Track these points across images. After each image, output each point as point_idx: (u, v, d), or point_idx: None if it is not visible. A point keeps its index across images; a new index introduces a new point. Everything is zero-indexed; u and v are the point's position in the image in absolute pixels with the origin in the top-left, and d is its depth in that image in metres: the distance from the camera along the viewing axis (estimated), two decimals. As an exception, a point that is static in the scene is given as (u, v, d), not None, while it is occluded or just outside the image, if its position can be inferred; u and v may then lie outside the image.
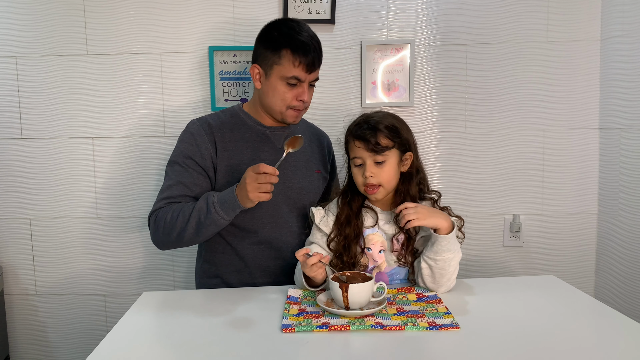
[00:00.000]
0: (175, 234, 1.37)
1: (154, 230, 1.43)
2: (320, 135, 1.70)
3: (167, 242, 1.43)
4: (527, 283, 1.39)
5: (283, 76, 1.42)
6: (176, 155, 1.48)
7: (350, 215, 1.38)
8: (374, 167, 1.32)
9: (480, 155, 1.98)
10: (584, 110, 1.96)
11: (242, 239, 1.48)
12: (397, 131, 1.33)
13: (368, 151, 1.32)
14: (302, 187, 1.53)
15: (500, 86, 1.95)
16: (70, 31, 1.90)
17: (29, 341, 2.03)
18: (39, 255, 1.99)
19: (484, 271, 2.02)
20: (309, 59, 1.41)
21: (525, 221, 2.00)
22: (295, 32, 1.42)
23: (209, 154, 1.45)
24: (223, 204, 1.33)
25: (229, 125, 1.51)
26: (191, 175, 1.44)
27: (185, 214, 1.36)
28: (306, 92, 1.46)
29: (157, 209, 1.43)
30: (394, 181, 1.36)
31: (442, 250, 1.24)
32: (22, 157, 1.95)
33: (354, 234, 1.36)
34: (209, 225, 1.34)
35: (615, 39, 1.85)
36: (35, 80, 1.92)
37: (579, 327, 1.08)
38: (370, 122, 1.33)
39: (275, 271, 1.49)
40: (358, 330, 1.06)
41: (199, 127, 1.49)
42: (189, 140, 1.48)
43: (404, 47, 1.92)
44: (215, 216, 1.33)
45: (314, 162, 1.59)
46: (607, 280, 1.94)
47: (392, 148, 1.33)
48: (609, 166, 1.91)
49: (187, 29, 1.91)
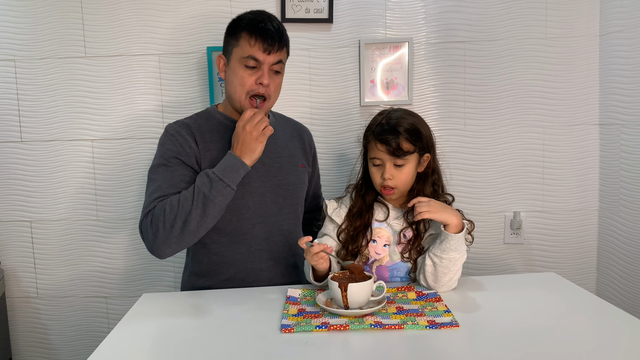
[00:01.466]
0: (181, 223, 1.26)
1: (152, 231, 1.29)
2: (300, 130, 1.65)
3: (169, 240, 1.28)
4: (528, 280, 1.38)
5: (240, 57, 1.36)
6: (158, 159, 1.39)
7: (363, 208, 1.40)
8: (393, 170, 1.33)
9: (480, 152, 1.97)
10: (583, 106, 1.95)
11: (230, 244, 1.43)
12: (418, 134, 1.33)
13: (389, 154, 1.31)
14: (289, 183, 1.50)
15: (500, 83, 1.94)
16: (69, 33, 1.91)
17: (31, 343, 2.04)
18: (40, 258, 2.00)
19: (484, 269, 2.02)
20: (266, 38, 1.35)
21: (526, 218, 1.99)
22: (255, 15, 1.39)
23: (194, 153, 1.39)
24: (225, 170, 1.29)
25: (207, 127, 1.45)
26: (180, 173, 1.36)
27: (187, 196, 1.28)
28: (265, 75, 1.36)
29: (150, 209, 1.32)
30: (410, 183, 1.37)
31: (450, 249, 1.24)
32: (21, 159, 1.96)
33: (363, 226, 1.38)
34: (216, 198, 1.27)
35: (614, 34, 1.84)
36: (34, 83, 1.92)
37: (581, 325, 1.07)
38: (393, 124, 1.32)
39: (269, 273, 1.45)
40: (357, 330, 1.05)
41: (177, 128, 1.42)
42: (171, 142, 1.40)
43: (402, 45, 1.92)
44: (220, 185, 1.27)
45: (297, 157, 1.56)
46: (609, 277, 1.94)
47: (413, 153, 1.33)
48: (610, 162, 1.90)
49: (185, 29, 1.91)
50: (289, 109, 1.92)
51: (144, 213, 1.33)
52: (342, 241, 1.39)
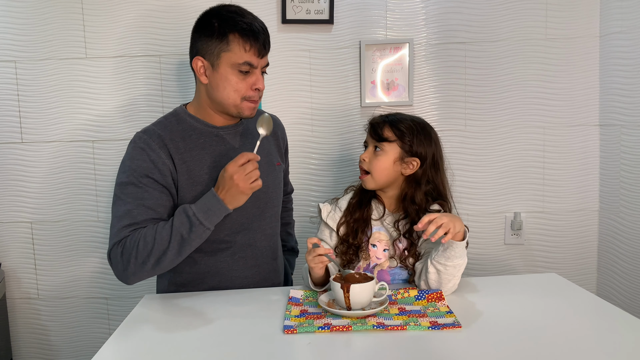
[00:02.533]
0: (154, 261, 1.23)
1: (122, 263, 1.25)
2: (274, 124, 1.52)
3: (139, 273, 1.26)
4: (528, 281, 1.38)
5: (234, 63, 1.28)
6: (127, 175, 1.29)
7: (362, 199, 1.41)
8: (372, 154, 1.37)
9: (480, 153, 1.98)
10: (584, 107, 1.95)
11: (213, 253, 1.38)
12: (404, 127, 1.35)
13: (371, 136, 1.38)
14: (268, 185, 1.43)
15: (500, 84, 1.95)
16: (69, 34, 1.91)
17: (31, 345, 2.04)
18: (41, 259, 1.99)
19: (485, 269, 2.02)
20: (259, 41, 1.29)
21: (527, 219, 1.99)
22: (239, 15, 1.30)
23: (168, 170, 1.30)
24: (207, 213, 1.22)
25: (179, 134, 1.34)
26: (152, 195, 1.27)
27: (163, 235, 1.22)
28: (260, 80, 1.32)
29: (121, 239, 1.25)
30: (384, 176, 1.36)
31: (455, 256, 1.22)
32: (22, 161, 1.95)
33: (362, 219, 1.38)
34: (194, 241, 1.24)
35: (614, 35, 1.85)
36: (34, 84, 1.92)
37: (582, 325, 1.07)
38: (390, 117, 1.39)
39: (253, 279, 1.42)
40: (360, 331, 1.06)
41: (148, 141, 1.31)
42: (140, 157, 1.29)
43: (402, 46, 1.92)
44: (200, 229, 1.22)
45: (273, 155, 1.49)
46: (609, 277, 1.94)
47: (392, 142, 1.35)
48: (610, 163, 1.91)
49: (186, 31, 1.91)
50: (290, 110, 1.93)
51: (112, 242, 1.27)
52: (342, 236, 1.39)
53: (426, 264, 1.27)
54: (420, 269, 1.31)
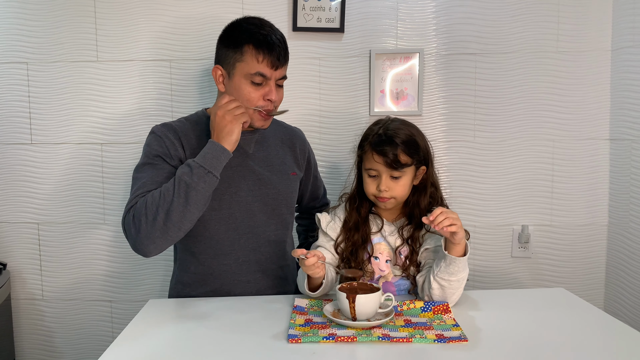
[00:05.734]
0: (164, 214, 1.21)
1: (134, 227, 1.24)
2: (292, 135, 1.58)
3: (152, 234, 1.22)
4: (536, 295, 1.37)
5: (247, 73, 1.32)
6: (143, 157, 1.36)
7: (358, 221, 1.38)
8: (390, 181, 1.31)
9: (489, 165, 1.97)
10: (594, 120, 1.94)
11: (217, 255, 1.40)
12: (416, 146, 1.32)
13: (386, 166, 1.30)
14: (279, 192, 1.46)
15: (510, 96, 1.94)
16: (81, 38, 1.92)
17: (35, 346, 2.04)
18: (47, 260, 2.00)
19: (492, 282, 2.00)
20: (273, 54, 1.32)
21: (534, 232, 1.98)
22: (257, 27, 1.34)
23: (178, 157, 1.35)
24: (206, 157, 1.24)
25: (195, 132, 1.40)
26: (164, 172, 1.32)
27: (168, 186, 1.23)
28: (273, 91, 1.35)
29: (132, 205, 1.27)
30: (406, 195, 1.35)
31: (458, 271, 1.21)
32: (31, 162, 1.96)
33: (361, 240, 1.36)
34: (198, 185, 1.21)
35: (626, 49, 1.84)
36: (45, 86, 1.94)
37: (589, 341, 1.06)
38: (390, 134, 1.30)
39: (256, 285, 1.43)
40: (365, 342, 1.05)
41: (165, 131, 1.38)
42: (156, 142, 1.36)
43: (413, 56, 1.92)
44: (201, 171, 1.22)
45: (288, 165, 1.51)
46: (617, 293, 1.92)
47: (410, 165, 1.31)
48: (620, 177, 1.89)
49: (196, 36, 1.92)
50: (299, 117, 1.93)
51: (126, 210, 1.28)
52: (340, 254, 1.37)
53: (428, 278, 1.25)
54: (422, 283, 1.29)
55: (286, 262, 1.50)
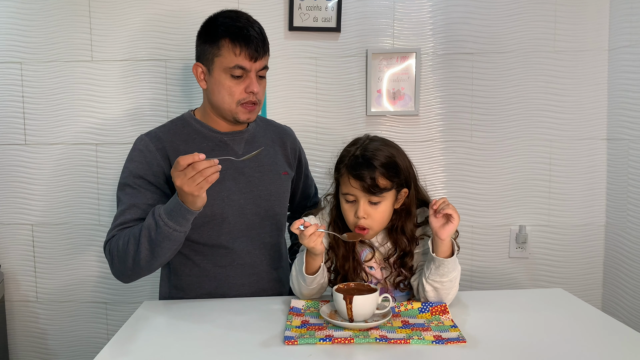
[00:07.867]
0: (131, 261, 1.23)
1: (110, 261, 1.29)
2: (282, 134, 1.55)
3: (125, 272, 1.27)
4: (534, 296, 1.36)
5: (226, 67, 1.30)
6: (125, 177, 1.33)
7: (346, 252, 1.30)
8: (368, 207, 1.23)
9: (486, 165, 1.96)
10: (591, 120, 1.94)
11: (211, 258, 1.38)
12: (396, 169, 1.23)
13: (364, 191, 1.21)
14: (271, 193, 1.43)
15: (507, 96, 1.93)
16: (76, 37, 1.90)
17: (29, 348, 2.02)
18: (41, 262, 1.98)
19: (489, 282, 1.99)
20: (251, 45, 1.29)
21: (532, 232, 1.97)
22: (233, 20, 1.32)
23: (162, 171, 1.32)
24: (170, 213, 1.19)
25: (182, 137, 1.37)
26: (144, 195, 1.30)
27: (135, 235, 1.22)
28: (254, 83, 1.32)
29: (110, 238, 1.29)
30: (386, 222, 1.27)
31: (449, 271, 1.19)
32: (25, 162, 1.95)
33: (353, 269, 1.31)
34: (162, 242, 1.20)
35: (623, 49, 1.83)
36: (40, 86, 1.92)
37: (587, 341, 1.06)
38: (368, 156, 1.21)
39: (251, 288, 1.41)
40: (362, 344, 1.04)
41: (147, 142, 1.35)
42: (137, 159, 1.34)
43: (409, 56, 1.91)
44: (165, 229, 1.18)
45: (279, 164, 1.48)
46: (615, 293, 1.91)
47: (390, 189, 1.23)
48: (617, 177, 1.89)
49: (192, 35, 1.89)
50: (295, 117, 1.92)
51: (106, 238, 1.30)
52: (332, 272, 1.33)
53: (421, 280, 1.23)
54: (416, 286, 1.28)
55: (281, 264, 1.48)
